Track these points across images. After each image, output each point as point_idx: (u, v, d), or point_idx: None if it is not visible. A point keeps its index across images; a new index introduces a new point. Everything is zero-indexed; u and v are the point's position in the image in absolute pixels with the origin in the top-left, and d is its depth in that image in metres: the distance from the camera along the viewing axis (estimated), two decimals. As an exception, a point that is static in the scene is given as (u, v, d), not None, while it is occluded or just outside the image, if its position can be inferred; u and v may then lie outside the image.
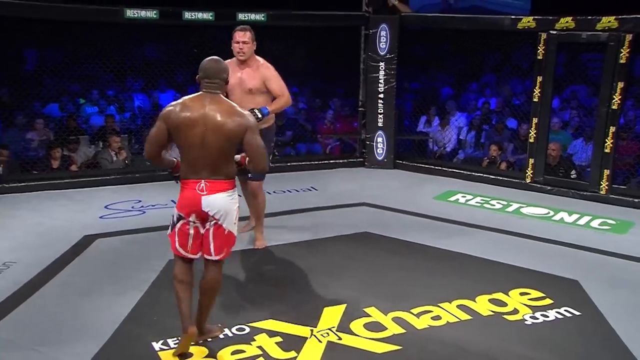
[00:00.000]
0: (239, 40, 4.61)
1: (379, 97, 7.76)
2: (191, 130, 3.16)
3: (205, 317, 3.46)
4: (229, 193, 3.25)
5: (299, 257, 4.78)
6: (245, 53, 4.62)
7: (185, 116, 3.17)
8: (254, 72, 4.68)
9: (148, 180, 6.92)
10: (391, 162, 7.90)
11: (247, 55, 4.63)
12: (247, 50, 4.62)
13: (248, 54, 4.64)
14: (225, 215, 3.25)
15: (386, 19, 7.58)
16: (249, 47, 4.63)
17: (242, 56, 4.63)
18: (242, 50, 4.61)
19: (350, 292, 4.14)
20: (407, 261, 4.77)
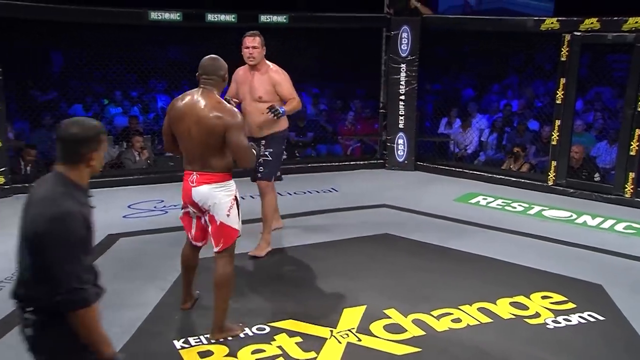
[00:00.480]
0: (249, 45, 4.62)
1: (400, 99, 7.74)
2: (180, 123, 3.39)
3: (219, 314, 3.49)
4: (217, 185, 3.38)
5: (319, 258, 4.80)
6: (255, 58, 4.64)
7: (177, 109, 3.41)
8: (263, 77, 4.69)
9: (170, 180, 6.96)
10: (412, 164, 7.88)
11: (257, 60, 4.65)
12: (257, 55, 4.64)
13: (258, 59, 4.65)
14: (213, 207, 3.39)
15: (408, 21, 7.56)
16: (259, 52, 4.64)
17: (252, 61, 4.65)
18: (252, 55, 4.63)
19: (370, 294, 4.14)
20: (427, 263, 4.76)
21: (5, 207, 5.94)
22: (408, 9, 7.60)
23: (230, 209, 3.41)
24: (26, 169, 6.84)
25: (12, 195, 6.26)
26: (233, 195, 3.44)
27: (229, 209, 3.41)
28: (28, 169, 6.82)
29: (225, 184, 3.41)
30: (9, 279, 4.30)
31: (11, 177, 6.33)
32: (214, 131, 3.29)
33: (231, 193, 3.43)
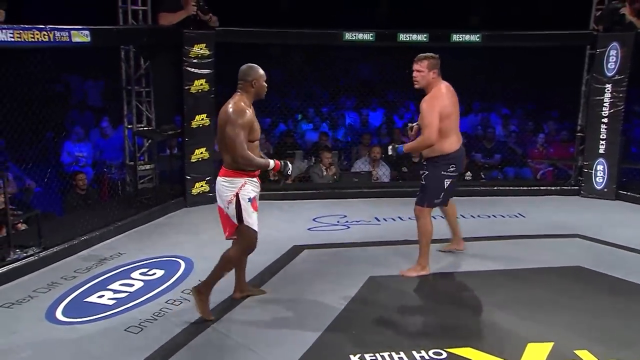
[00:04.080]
0: (413, 68, 4.58)
1: (602, 122, 7.09)
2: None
3: (207, 278, 4.01)
4: (224, 179, 3.86)
5: (503, 286, 4.56)
6: (418, 81, 4.56)
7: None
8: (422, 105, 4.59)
9: (354, 196, 7.17)
10: (612, 193, 7.16)
11: (420, 84, 4.57)
12: (419, 79, 4.55)
13: (421, 83, 4.56)
14: (219, 197, 3.90)
15: (618, 37, 6.91)
16: (422, 75, 4.53)
17: (415, 84, 4.60)
18: (415, 79, 4.57)
19: (559, 330, 3.83)
20: (629, 304, 4.27)
21: (208, 213, 6.56)
22: (620, 25, 6.93)
23: (229, 202, 3.83)
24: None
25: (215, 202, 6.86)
26: (234, 192, 3.81)
27: (228, 202, 3.83)
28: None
29: (231, 180, 3.84)
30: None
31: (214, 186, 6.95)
32: (223, 129, 3.80)
33: (233, 189, 3.81)
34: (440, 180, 4.63)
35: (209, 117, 6.72)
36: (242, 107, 3.81)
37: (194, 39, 6.49)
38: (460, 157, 4.73)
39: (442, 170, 4.61)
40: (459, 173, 4.79)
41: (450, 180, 4.65)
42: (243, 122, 3.76)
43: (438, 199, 4.70)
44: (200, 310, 3.99)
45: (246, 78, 3.88)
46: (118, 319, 4.04)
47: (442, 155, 4.60)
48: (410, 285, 4.59)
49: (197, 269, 4.92)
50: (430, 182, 4.65)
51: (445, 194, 4.70)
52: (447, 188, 4.66)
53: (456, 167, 4.67)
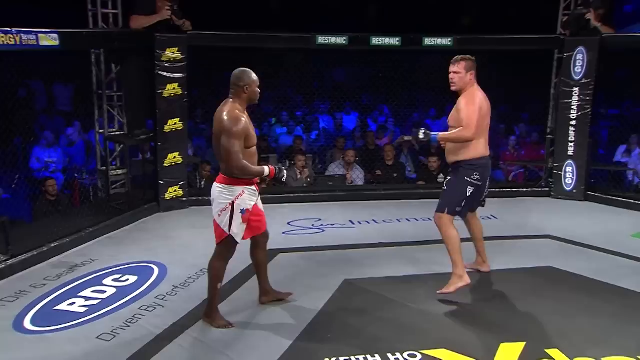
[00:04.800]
0: (450, 70, 4.40)
1: (571, 124, 7.23)
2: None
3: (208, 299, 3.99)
4: (221, 186, 3.81)
5: (476, 287, 4.60)
6: (455, 83, 4.38)
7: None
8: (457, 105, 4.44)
9: (328, 199, 7.18)
10: (581, 194, 7.31)
11: (457, 86, 4.38)
12: (456, 81, 4.37)
13: (458, 84, 4.37)
14: (213, 203, 3.85)
15: (584, 42, 7.06)
16: (459, 77, 4.35)
17: (452, 86, 4.41)
18: (452, 80, 4.39)
19: (531, 330, 3.89)
20: (598, 303, 4.35)
21: (182, 218, 6.53)
22: (586, 30, 7.08)
23: (222, 211, 3.79)
24: (201, 183, 7.45)
25: (189, 207, 6.85)
26: (231, 200, 3.77)
27: (222, 210, 3.79)
28: (203, 183, 7.42)
29: (228, 188, 3.79)
30: (183, 285, 4.70)
31: (188, 191, 6.92)
32: (217, 137, 3.75)
33: (229, 198, 3.77)
34: (462, 186, 4.37)
35: (182, 122, 6.68)
36: (236, 115, 3.72)
37: (166, 42, 6.44)
38: (486, 167, 4.46)
39: (465, 176, 4.37)
40: (483, 184, 4.47)
41: (473, 188, 4.37)
42: (238, 131, 3.68)
43: (459, 207, 4.41)
44: (217, 326, 3.93)
45: (238, 83, 3.79)
46: (89, 327, 3.98)
47: (467, 160, 4.37)
48: (385, 288, 4.61)
49: (170, 274, 4.88)
50: (452, 187, 4.42)
51: (467, 203, 4.44)
52: (469, 196, 4.38)
53: (481, 175, 4.39)
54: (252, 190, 3.91)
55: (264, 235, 4.18)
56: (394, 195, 7.44)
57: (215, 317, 3.99)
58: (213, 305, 3.99)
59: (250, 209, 3.86)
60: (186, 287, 4.64)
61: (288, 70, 8.07)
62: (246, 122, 3.77)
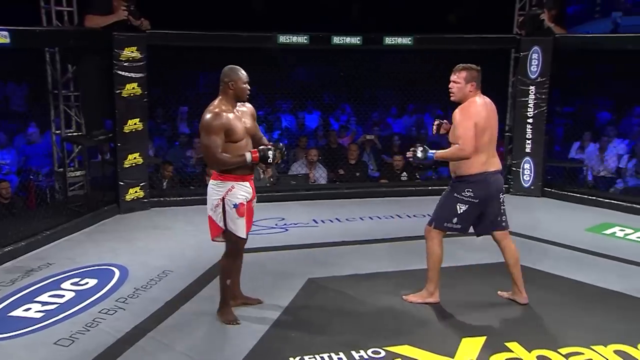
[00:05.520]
0: (450, 79, 4.16)
1: (528, 122, 7.41)
2: None
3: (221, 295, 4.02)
4: (213, 182, 3.85)
5: (440, 284, 4.66)
6: (454, 93, 4.13)
7: None
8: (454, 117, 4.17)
9: (291, 199, 7.18)
10: (539, 190, 7.49)
11: (456, 97, 4.12)
12: (455, 91, 4.12)
13: (457, 95, 4.11)
14: (208, 199, 3.87)
15: (539, 41, 7.24)
16: (458, 87, 4.10)
17: (451, 96, 4.17)
18: (451, 90, 4.16)
19: (492, 325, 3.97)
20: (555, 296, 4.47)
21: (143, 219, 6.43)
22: (540, 30, 7.26)
23: (216, 207, 3.82)
24: (163, 183, 7.34)
25: (150, 208, 6.75)
26: (221, 196, 3.79)
27: (215, 206, 3.82)
28: (164, 183, 7.32)
29: (219, 184, 3.82)
30: (145, 287, 4.63)
31: (149, 192, 6.82)
32: (200, 134, 3.81)
33: (220, 193, 3.80)
34: (452, 203, 4.13)
35: (142, 122, 6.57)
36: (215, 111, 3.75)
37: (124, 41, 6.32)
38: (486, 182, 4.11)
39: (455, 192, 4.13)
40: (483, 201, 4.13)
41: (466, 205, 4.10)
42: (215, 125, 3.72)
43: (449, 224, 4.16)
44: (224, 321, 3.98)
45: (224, 79, 3.84)
46: (47, 332, 3.87)
47: (462, 176, 4.12)
48: (349, 286, 4.63)
49: (132, 276, 4.80)
50: (441, 202, 4.24)
51: (461, 221, 4.15)
52: (461, 214, 4.11)
53: (476, 192, 4.08)
54: (245, 187, 3.88)
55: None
56: (357, 193, 7.49)
57: (224, 311, 4.01)
58: (224, 301, 4.02)
59: (244, 202, 3.86)
60: (148, 289, 4.57)
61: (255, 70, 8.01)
62: (227, 117, 3.76)
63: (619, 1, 10.37)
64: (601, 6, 10.60)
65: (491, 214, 4.22)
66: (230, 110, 3.81)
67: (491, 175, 4.14)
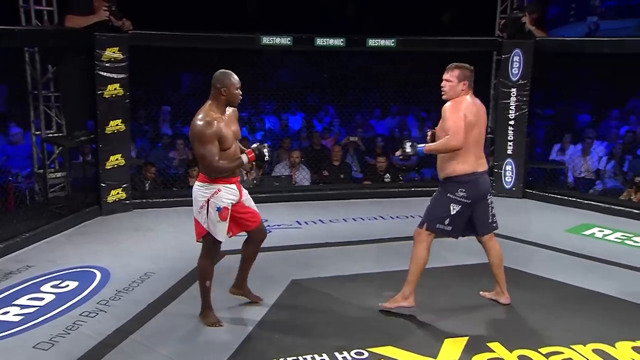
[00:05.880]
0: (442, 77, 4.14)
1: (509, 124, 7.48)
2: None
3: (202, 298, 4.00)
4: (199, 184, 3.84)
5: (422, 285, 4.67)
6: (446, 92, 4.10)
7: None
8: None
9: (274, 200, 7.17)
10: (520, 191, 7.57)
11: (447, 95, 4.09)
12: (447, 89, 4.09)
13: (449, 94, 4.09)
14: (194, 201, 3.87)
15: (520, 44, 7.32)
16: (450, 86, 4.07)
17: (443, 94, 4.14)
18: (443, 88, 4.13)
19: (474, 325, 4.00)
20: (536, 297, 4.52)
21: (125, 221, 6.38)
22: (521, 32, 7.35)
23: (201, 208, 3.82)
24: (145, 185, 7.29)
25: (132, 209, 6.70)
26: (206, 198, 3.79)
27: (200, 207, 3.82)
28: (147, 185, 7.27)
29: (205, 186, 3.82)
30: (127, 289, 4.59)
31: (131, 193, 6.76)
32: (192, 141, 3.80)
33: (206, 195, 3.80)
34: (445, 203, 4.07)
35: (124, 123, 6.52)
36: (207, 120, 3.68)
37: (105, 42, 6.27)
38: (477, 182, 4.10)
39: (448, 192, 4.07)
40: (476, 202, 4.12)
41: (459, 206, 4.06)
42: (208, 134, 3.66)
43: (441, 225, 4.10)
44: (207, 323, 3.98)
45: (216, 85, 3.76)
46: (26, 336, 3.82)
47: (452, 177, 4.08)
48: (332, 287, 4.64)
49: (114, 278, 4.76)
50: (434, 203, 4.16)
51: (453, 223, 4.11)
52: (455, 215, 4.07)
53: (469, 192, 4.05)
54: (231, 189, 3.89)
55: (259, 231, 4.20)
56: (340, 195, 7.51)
57: (207, 314, 3.99)
58: (205, 303, 4.00)
59: (228, 206, 3.86)
60: (130, 292, 4.54)
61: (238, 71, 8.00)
62: (218, 125, 3.72)
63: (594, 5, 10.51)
64: (576, 10, 10.74)
65: (480, 215, 4.22)
66: (221, 117, 3.78)
67: (480, 176, 4.13)
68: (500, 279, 4.36)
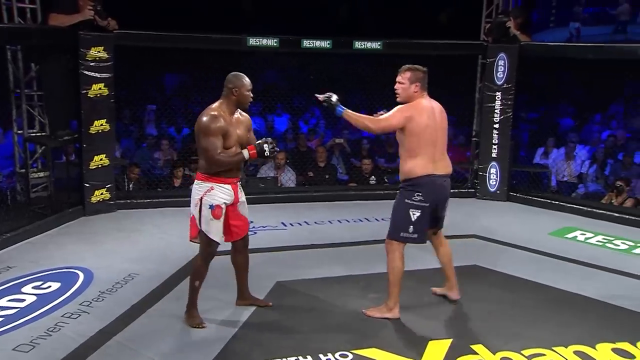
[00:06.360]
0: (396, 79, 4.16)
1: (494, 127, 7.54)
2: None
3: (189, 295, 3.99)
4: (196, 182, 3.89)
5: (406, 287, 4.68)
6: (399, 94, 4.13)
7: None
8: None
9: (260, 201, 7.14)
10: (504, 194, 7.62)
11: (401, 97, 4.12)
12: (400, 91, 4.12)
13: (402, 96, 4.11)
14: (191, 200, 3.90)
15: (505, 48, 7.38)
16: (403, 88, 4.09)
17: (397, 97, 4.17)
18: (396, 91, 4.16)
19: (457, 327, 4.03)
20: (519, 299, 4.56)
21: (109, 222, 6.32)
22: (506, 37, 7.41)
23: (195, 205, 3.86)
24: (129, 185, 7.24)
25: (116, 210, 6.65)
26: (200, 195, 3.83)
27: (195, 205, 3.87)
28: (131, 185, 7.22)
29: (201, 183, 3.86)
30: (111, 290, 4.56)
31: (115, 194, 6.71)
32: (197, 135, 3.82)
33: (200, 193, 3.83)
34: (404, 209, 4.01)
35: (109, 123, 6.47)
36: (214, 114, 3.79)
37: (90, 41, 6.22)
38: (433, 185, 4.03)
39: (406, 197, 4.01)
40: (433, 205, 4.05)
41: (419, 211, 3.99)
42: (213, 128, 3.75)
43: (406, 233, 4.03)
44: (191, 324, 3.96)
45: (228, 85, 3.89)
46: (5, 338, 3.77)
47: (408, 179, 4.04)
48: (317, 289, 4.64)
49: (97, 279, 4.72)
50: (395, 211, 4.11)
51: (416, 228, 4.03)
52: (415, 221, 4.00)
53: (424, 196, 3.98)
54: (225, 189, 3.89)
55: (244, 238, 4.22)
56: (326, 196, 7.51)
57: (192, 314, 3.98)
58: (191, 302, 3.99)
59: (221, 205, 3.87)
60: (113, 293, 4.50)
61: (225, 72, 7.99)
62: (225, 122, 3.80)
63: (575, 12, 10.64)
64: (556, 16, 10.87)
65: (440, 218, 4.24)
66: (228, 116, 3.86)
67: (438, 178, 4.07)
68: (453, 274, 4.44)
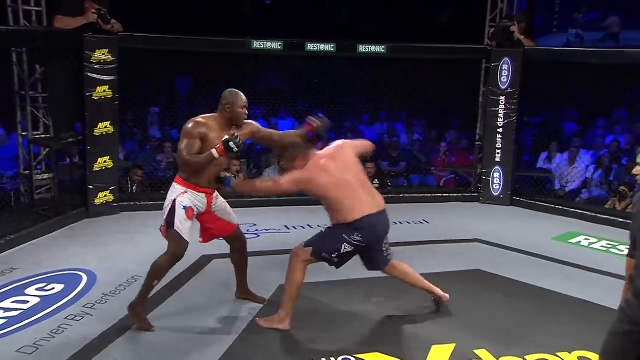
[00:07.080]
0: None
1: (498, 132, 7.53)
2: None
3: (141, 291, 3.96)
4: (173, 185, 3.97)
5: (408, 291, 4.69)
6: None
7: None
8: None
9: (263, 204, 7.15)
10: (508, 199, 7.61)
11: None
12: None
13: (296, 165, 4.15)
14: (165, 202, 3.95)
15: (509, 53, 7.38)
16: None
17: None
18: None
19: (460, 332, 4.01)
20: (522, 304, 4.55)
21: (113, 224, 6.33)
22: (510, 41, 7.41)
23: (168, 205, 3.91)
24: (133, 188, 7.25)
25: (120, 212, 6.66)
26: (173, 197, 3.90)
27: (168, 204, 3.91)
28: (134, 188, 7.23)
29: (174, 186, 3.95)
30: (114, 293, 4.56)
31: (119, 196, 6.72)
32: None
33: (174, 195, 3.91)
34: (338, 240, 3.87)
35: (112, 125, 6.48)
36: (197, 120, 3.87)
37: (95, 43, 6.24)
38: (373, 225, 3.89)
39: (344, 233, 3.86)
40: (370, 244, 3.94)
41: (352, 248, 3.87)
42: (190, 131, 3.82)
43: (326, 255, 3.91)
44: (139, 326, 3.90)
45: (222, 101, 3.97)
46: (9, 340, 3.77)
47: (344, 224, 3.87)
48: (320, 293, 4.63)
49: (100, 281, 4.73)
50: (327, 234, 3.98)
51: (340, 258, 3.92)
52: (343, 253, 3.88)
53: (364, 237, 3.85)
54: (198, 197, 3.96)
55: (235, 239, 4.30)
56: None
57: (140, 316, 3.95)
58: (140, 300, 3.96)
59: (193, 207, 3.93)
60: (117, 295, 4.51)
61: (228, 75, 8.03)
62: (206, 128, 3.85)
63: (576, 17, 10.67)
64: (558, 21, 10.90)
65: (377, 254, 4.07)
66: (215, 127, 3.89)
67: (375, 217, 3.90)
68: (426, 285, 4.29)
